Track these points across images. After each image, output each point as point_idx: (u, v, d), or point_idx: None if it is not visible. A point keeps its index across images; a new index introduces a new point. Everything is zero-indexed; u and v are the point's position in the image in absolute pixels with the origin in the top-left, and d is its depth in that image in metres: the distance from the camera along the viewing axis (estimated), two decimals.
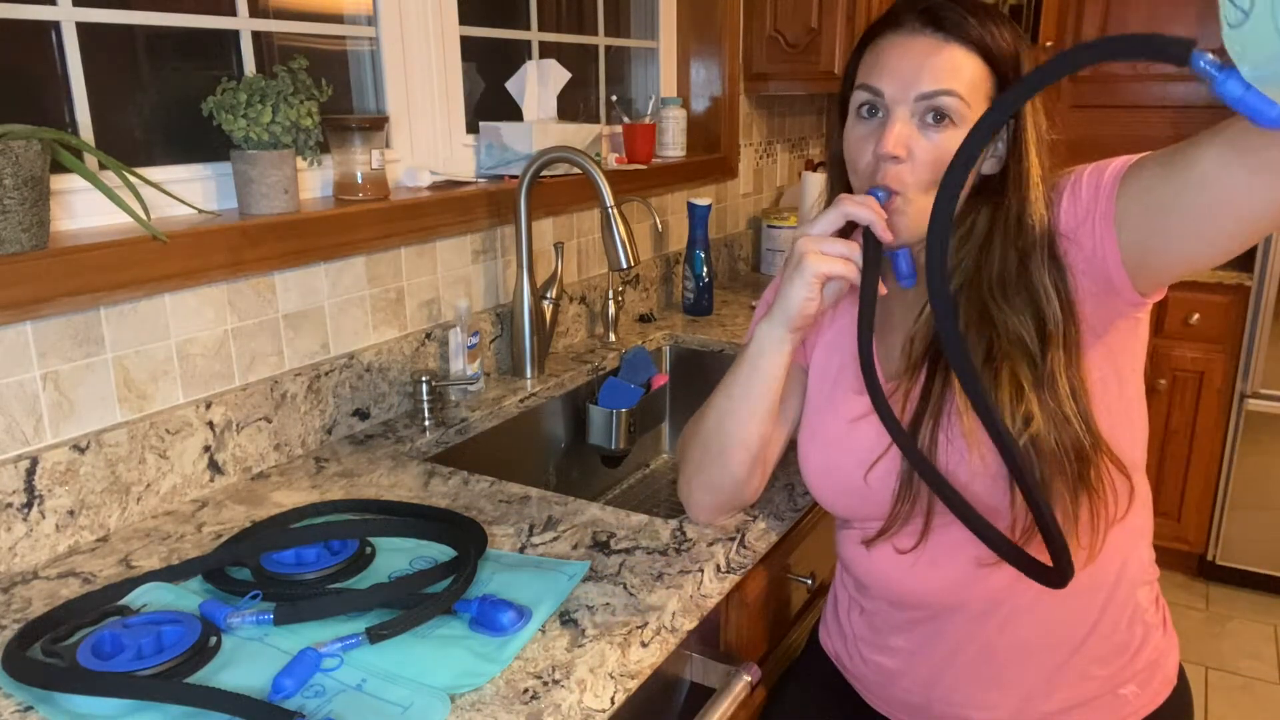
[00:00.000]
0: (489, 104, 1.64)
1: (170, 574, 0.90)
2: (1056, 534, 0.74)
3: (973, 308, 0.85)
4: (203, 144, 1.17)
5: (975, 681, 0.93)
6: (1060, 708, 0.92)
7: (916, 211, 0.84)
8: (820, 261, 0.83)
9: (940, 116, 0.82)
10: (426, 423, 1.31)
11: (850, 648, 1.05)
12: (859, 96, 0.86)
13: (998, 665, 0.92)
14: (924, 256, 0.89)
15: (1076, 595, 0.88)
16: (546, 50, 1.75)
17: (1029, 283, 0.82)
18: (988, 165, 0.88)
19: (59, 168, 0.94)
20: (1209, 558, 2.69)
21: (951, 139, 0.82)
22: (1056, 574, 0.76)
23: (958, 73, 0.82)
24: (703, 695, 0.96)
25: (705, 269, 1.92)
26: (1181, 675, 0.97)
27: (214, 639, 0.79)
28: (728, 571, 0.97)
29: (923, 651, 0.96)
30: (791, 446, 1.03)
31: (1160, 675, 0.94)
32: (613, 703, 0.78)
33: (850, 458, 0.93)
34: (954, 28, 0.82)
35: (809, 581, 1.19)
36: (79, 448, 0.98)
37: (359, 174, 1.28)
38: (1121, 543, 0.89)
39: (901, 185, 0.84)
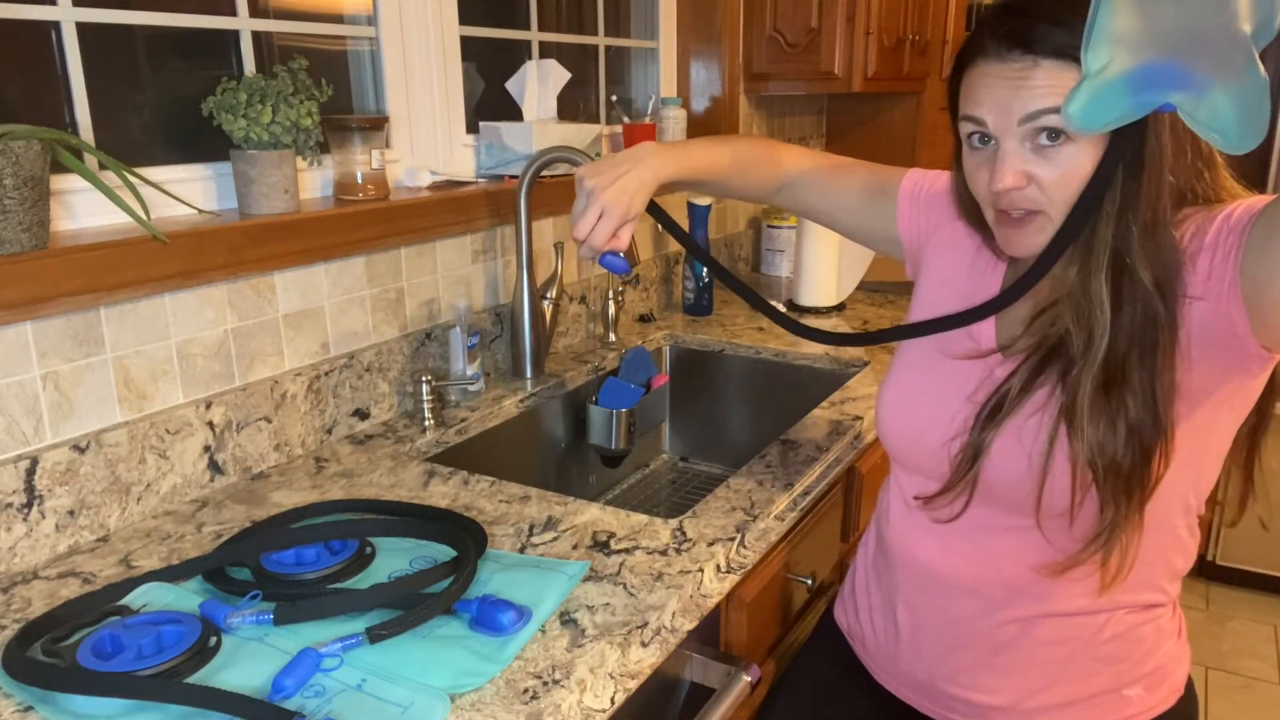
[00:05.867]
0: (489, 104, 1.64)
1: (170, 574, 0.90)
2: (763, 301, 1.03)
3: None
4: (203, 144, 1.17)
5: (980, 665, 0.94)
6: (1063, 701, 0.92)
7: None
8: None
9: (1055, 135, 0.78)
10: (426, 423, 1.31)
11: (863, 618, 1.06)
12: (965, 126, 0.85)
13: (1004, 653, 0.92)
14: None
15: (1094, 594, 0.88)
16: (546, 50, 1.75)
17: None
18: None
19: (59, 168, 0.94)
20: (1209, 558, 2.69)
21: (1073, 154, 0.78)
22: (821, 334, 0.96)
23: (1056, 89, 0.76)
24: (703, 695, 0.96)
25: (705, 269, 1.92)
26: (1190, 688, 0.97)
27: (214, 639, 0.79)
28: (728, 571, 0.97)
29: (932, 627, 0.97)
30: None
31: (1169, 683, 0.94)
32: (613, 703, 0.78)
33: (939, 392, 0.93)
34: (1041, 43, 0.76)
35: (809, 581, 1.20)
36: (79, 448, 0.98)
37: (359, 174, 1.28)
38: (1154, 550, 0.89)
39: (1038, 206, 0.81)
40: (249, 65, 1.22)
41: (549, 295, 1.52)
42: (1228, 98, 0.66)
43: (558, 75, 1.61)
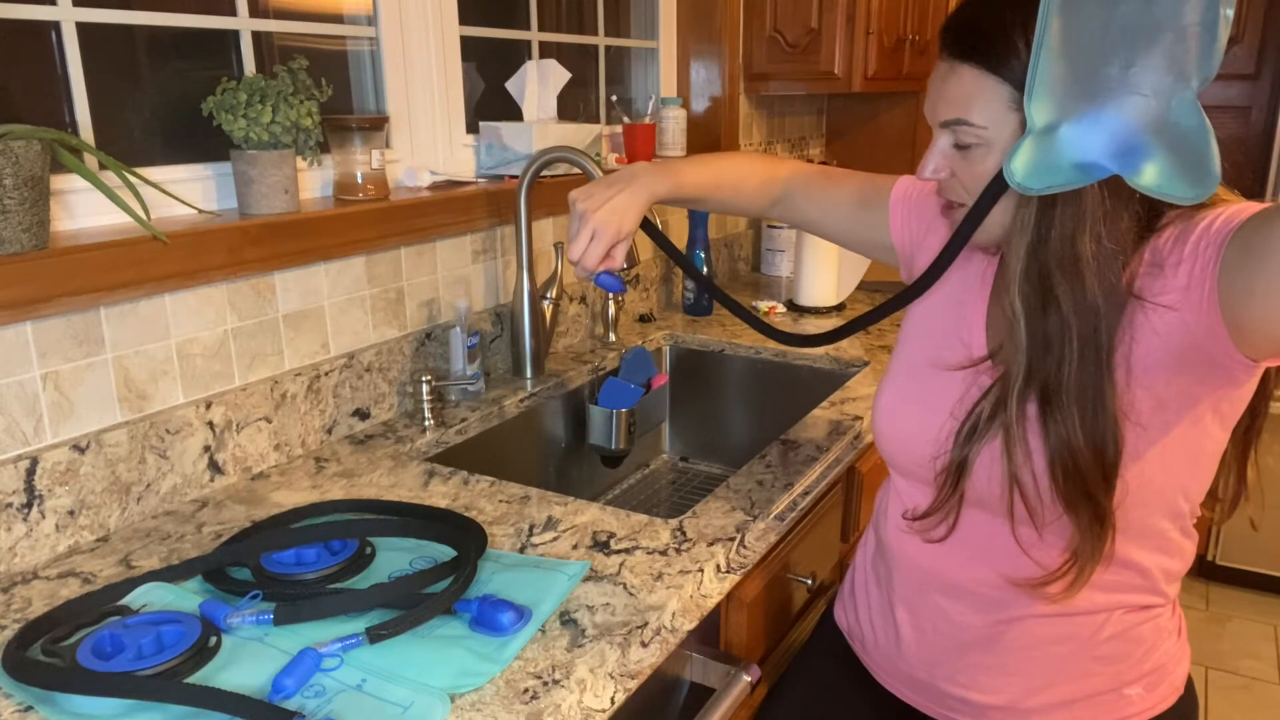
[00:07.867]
0: (489, 104, 1.64)
1: (170, 574, 0.90)
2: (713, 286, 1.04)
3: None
4: (203, 144, 1.17)
5: (979, 665, 0.94)
6: (1062, 700, 0.92)
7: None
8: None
9: (963, 146, 0.82)
10: (426, 423, 1.31)
11: (863, 618, 1.07)
12: None
13: (1003, 653, 0.93)
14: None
15: (1093, 593, 0.88)
16: (546, 50, 1.75)
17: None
18: None
19: (59, 168, 0.94)
20: (1209, 558, 2.69)
21: (983, 162, 0.81)
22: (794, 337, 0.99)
23: (967, 98, 0.79)
24: (703, 695, 0.96)
25: (705, 269, 1.92)
26: (1190, 687, 0.97)
27: (214, 639, 0.79)
28: (728, 571, 0.97)
29: (931, 627, 0.97)
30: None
31: (1168, 682, 0.94)
32: (613, 703, 0.78)
33: (928, 399, 0.94)
34: (959, 48, 0.80)
35: (809, 581, 1.20)
36: (79, 448, 0.98)
37: (359, 174, 1.28)
38: (1144, 554, 0.89)
39: (959, 199, 0.85)
40: (249, 65, 1.22)
41: (549, 295, 1.52)
42: (1171, 160, 0.67)
43: (558, 75, 1.61)
